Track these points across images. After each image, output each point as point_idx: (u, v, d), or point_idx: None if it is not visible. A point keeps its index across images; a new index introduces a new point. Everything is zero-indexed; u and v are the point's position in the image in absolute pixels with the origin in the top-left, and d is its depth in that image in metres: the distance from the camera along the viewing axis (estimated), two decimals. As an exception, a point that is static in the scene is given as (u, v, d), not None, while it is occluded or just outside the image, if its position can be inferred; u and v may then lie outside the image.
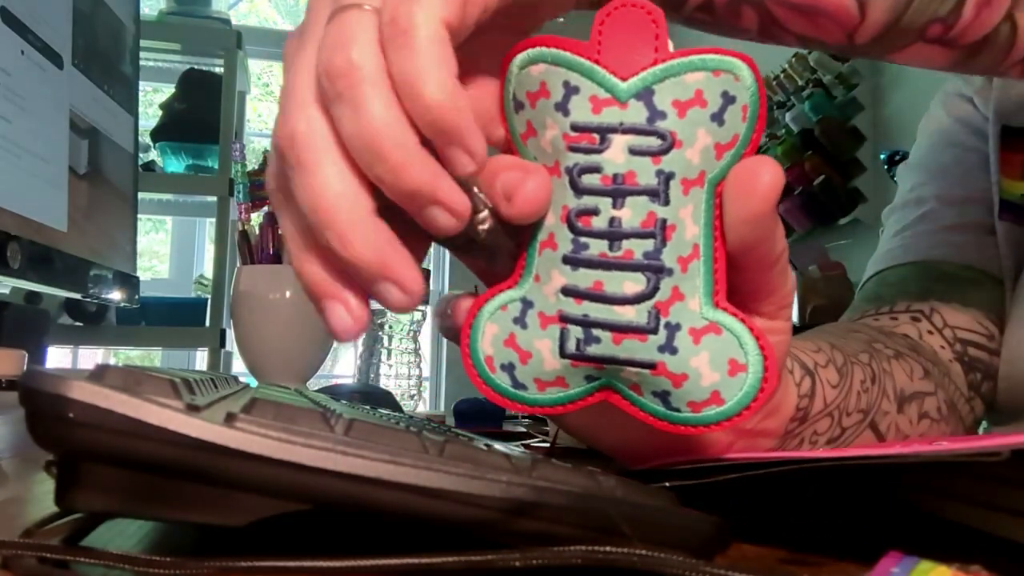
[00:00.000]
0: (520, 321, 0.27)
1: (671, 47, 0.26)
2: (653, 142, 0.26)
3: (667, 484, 0.28)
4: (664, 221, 0.26)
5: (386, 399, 0.79)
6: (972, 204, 0.56)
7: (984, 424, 0.54)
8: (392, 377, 1.04)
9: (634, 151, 0.26)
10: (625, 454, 0.34)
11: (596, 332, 0.26)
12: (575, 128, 0.26)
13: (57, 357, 2.55)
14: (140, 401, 0.20)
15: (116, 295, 0.93)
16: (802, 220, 2.48)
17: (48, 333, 0.89)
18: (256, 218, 0.89)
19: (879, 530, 0.32)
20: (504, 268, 0.28)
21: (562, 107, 0.26)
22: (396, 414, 0.43)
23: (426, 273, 1.02)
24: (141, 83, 1.06)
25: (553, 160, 0.27)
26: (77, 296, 0.84)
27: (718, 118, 0.26)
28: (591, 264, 0.26)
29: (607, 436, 0.33)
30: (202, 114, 2.11)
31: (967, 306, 0.51)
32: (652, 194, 0.26)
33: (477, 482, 0.21)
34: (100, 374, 0.21)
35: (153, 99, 2.68)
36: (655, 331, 0.26)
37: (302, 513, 0.21)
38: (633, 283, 0.26)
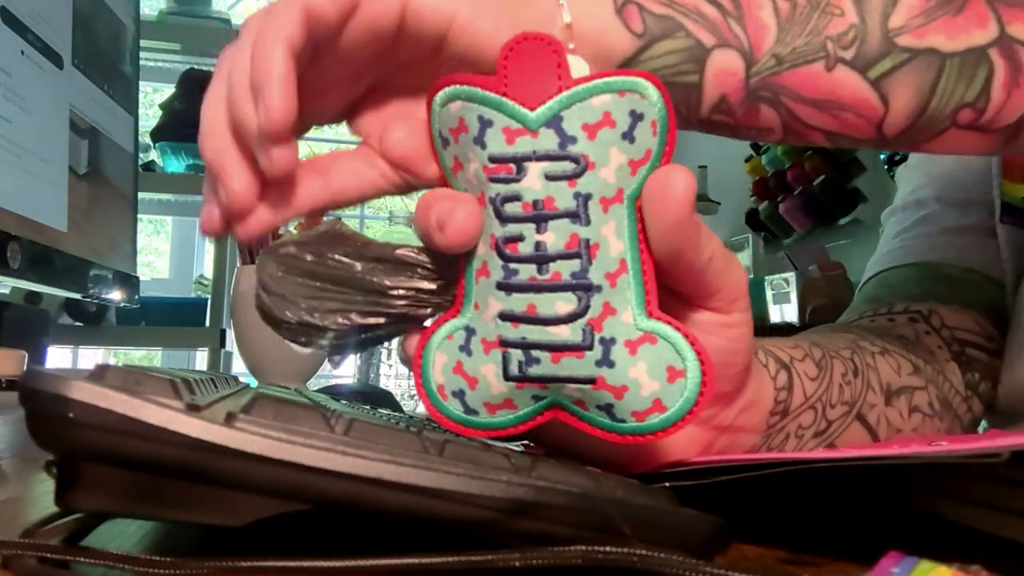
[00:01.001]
0: (465, 348, 0.28)
1: (575, 73, 0.27)
2: (567, 166, 0.27)
3: (667, 484, 0.28)
4: (587, 241, 0.27)
5: (386, 399, 0.79)
6: (974, 206, 0.56)
7: (983, 424, 0.54)
8: (392, 377, 1.04)
9: (550, 176, 0.27)
10: (608, 462, 0.34)
11: (535, 353, 0.27)
12: (492, 160, 0.27)
13: (57, 357, 2.55)
14: (140, 401, 0.20)
15: (116, 295, 0.93)
16: (802, 220, 2.48)
17: (48, 333, 0.89)
18: (256, 218, 0.89)
19: (879, 530, 0.32)
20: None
21: (479, 140, 0.27)
22: (396, 414, 0.43)
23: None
24: (141, 83, 1.06)
25: (479, 191, 0.28)
26: (77, 296, 0.84)
27: (628, 136, 0.27)
28: (522, 288, 0.27)
29: (582, 448, 0.33)
30: (202, 114, 2.11)
31: (967, 308, 0.51)
32: (572, 216, 0.26)
33: (477, 482, 0.21)
34: (100, 374, 0.21)
35: (153, 99, 2.68)
36: (590, 347, 0.27)
37: (302, 513, 0.21)
38: (564, 303, 0.27)
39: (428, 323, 0.30)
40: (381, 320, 0.29)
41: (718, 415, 0.34)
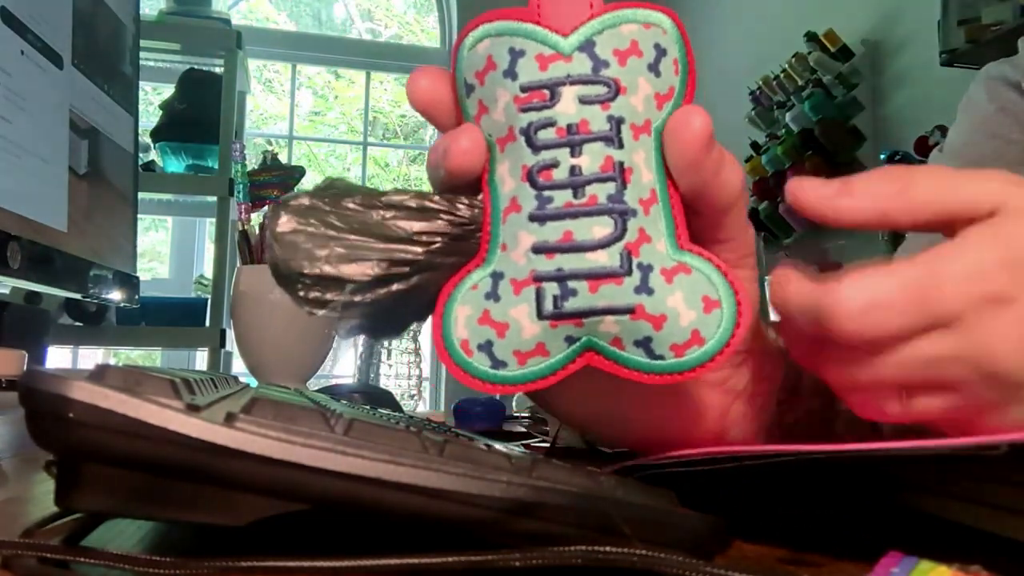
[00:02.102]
0: (492, 295, 0.27)
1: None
2: (600, 90, 0.27)
3: (664, 470, 0.28)
4: (621, 164, 0.27)
5: (386, 399, 0.79)
6: None
7: None
8: (392, 377, 1.04)
9: (584, 100, 0.27)
10: (622, 431, 0.34)
11: (572, 284, 0.26)
12: (524, 88, 0.27)
13: (57, 357, 2.55)
14: (140, 401, 0.20)
15: (116, 295, 0.93)
16: (802, 220, 2.48)
17: (48, 333, 0.89)
18: (256, 218, 0.89)
19: (879, 530, 0.32)
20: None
21: (510, 72, 0.27)
22: (396, 414, 0.43)
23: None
24: (141, 83, 1.06)
25: (507, 128, 0.28)
26: (77, 296, 0.84)
27: (655, 68, 0.28)
28: (558, 216, 0.26)
29: (598, 412, 0.32)
30: (202, 114, 2.11)
31: None
32: (606, 139, 0.27)
33: (477, 482, 0.21)
34: (100, 374, 0.21)
35: (153, 99, 2.68)
36: (629, 272, 0.26)
37: (302, 513, 0.21)
38: (601, 227, 0.26)
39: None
40: (404, 269, 0.27)
41: (731, 378, 0.34)
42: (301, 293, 0.27)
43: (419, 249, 0.27)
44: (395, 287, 0.27)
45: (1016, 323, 0.26)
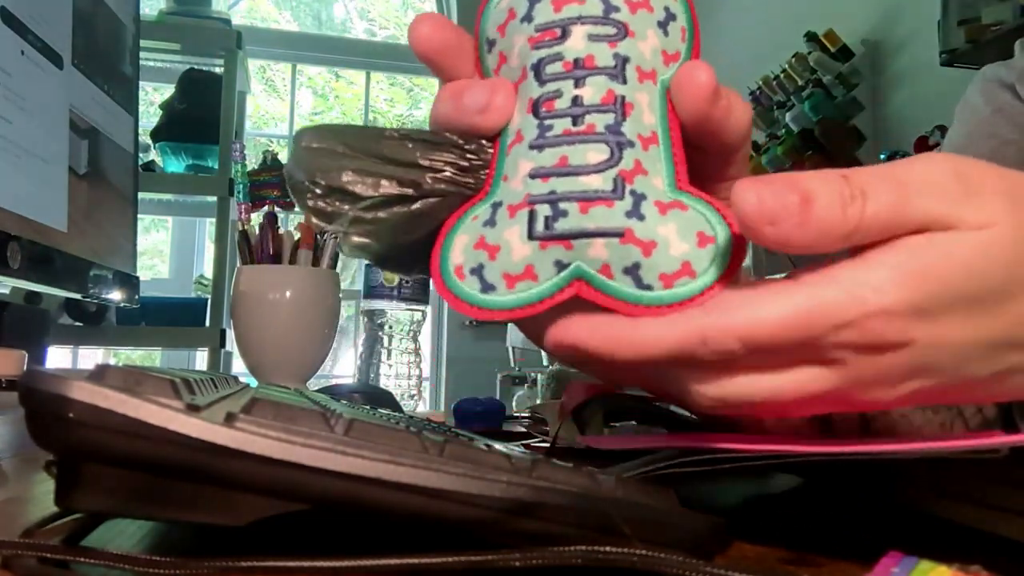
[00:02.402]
0: (490, 222, 0.28)
1: None
2: (609, 30, 0.28)
3: (671, 470, 0.28)
4: (623, 98, 0.28)
5: (386, 399, 0.79)
6: None
7: None
8: (392, 377, 1.04)
9: (592, 37, 0.28)
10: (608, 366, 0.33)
11: (563, 206, 0.26)
12: (538, 29, 0.29)
13: (57, 357, 2.55)
14: (140, 401, 0.20)
15: (116, 295, 0.93)
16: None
17: (48, 333, 0.89)
18: (256, 218, 0.89)
19: (879, 530, 0.32)
20: None
21: (527, 16, 0.29)
22: (396, 414, 0.43)
23: (423, 281, 1.02)
24: (141, 83, 1.06)
25: (520, 69, 0.29)
26: (77, 296, 0.84)
27: (663, 27, 0.29)
28: (556, 143, 0.27)
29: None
30: (202, 114, 2.11)
31: None
32: (610, 74, 0.28)
33: (477, 482, 0.21)
34: (100, 374, 0.21)
35: (153, 99, 2.68)
36: (621, 197, 0.26)
37: (302, 513, 0.21)
38: (597, 153, 0.27)
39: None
40: (409, 191, 0.28)
41: None
42: (311, 203, 0.28)
43: (427, 176, 0.28)
44: (398, 208, 0.28)
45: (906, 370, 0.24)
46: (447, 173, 0.29)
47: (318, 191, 0.28)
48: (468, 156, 0.29)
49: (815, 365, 0.25)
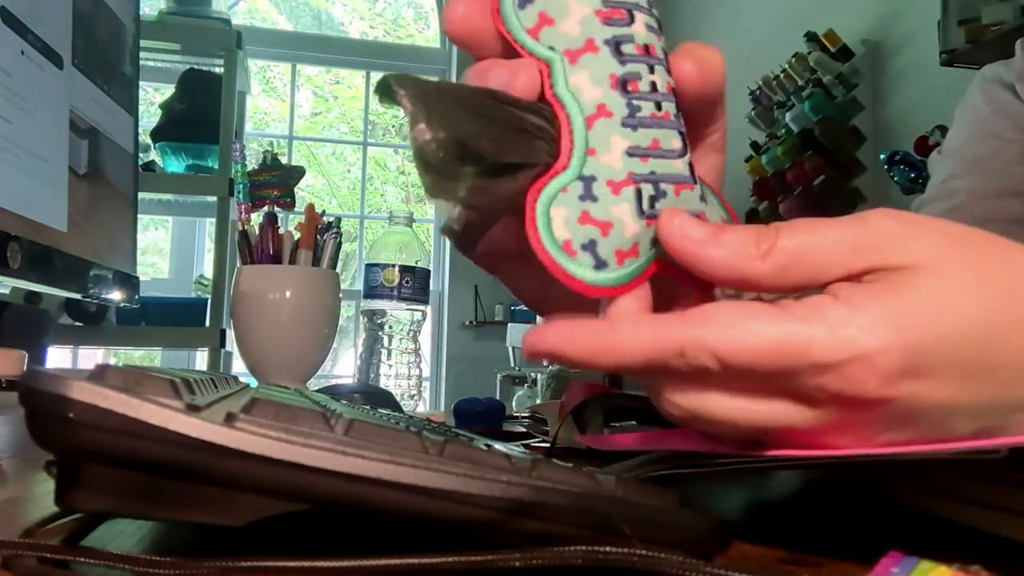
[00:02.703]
0: (588, 196, 0.27)
1: None
2: (654, 23, 0.30)
3: (672, 472, 0.28)
4: (674, 89, 0.30)
5: (386, 399, 0.79)
6: (1006, 198, 0.55)
7: None
8: (392, 377, 1.04)
9: (649, 28, 0.29)
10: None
11: (663, 187, 0.28)
12: (607, 3, 0.29)
13: (57, 357, 2.56)
14: (140, 401, 0.20)
15: (116, 295, 0.93)
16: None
17: (48, 333, 0.89)
18: (256, 218, 0.89)
19: (879, 530, 0.32)
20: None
21: None
22: (396, 414, 0.43)
23: (425, 273, 1.02)
24: (141, 83, 1.06)
25: (584, 40, 0.29)
26: (77, 296, 0.84)
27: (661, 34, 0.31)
28: (648, 124, 0.28)
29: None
30: (202, 114, 2.11)
31: None
32: (664, 66, 0.29)
33: (477, 482, 0.21)
34: (100, 374, 0.21)
35: (153, 99, 2.68)
36: (696, 182, 0.29)
37: (302, 513, 0.21)
38: (677, 139, 0.29)
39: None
40: (531, 161, 0.27)
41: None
42: (435, 165, 0.26)
43: (540, 143, 0.28)
44: (512, 180, 0.27)
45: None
46: (546, 141, 0.28)
47: (446, 158, 0.26)
48: (549, 121, 0.28)
49: (792, 400, 0.24)
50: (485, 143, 0.26)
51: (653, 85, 0.28)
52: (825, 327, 0.23)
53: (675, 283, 0.29)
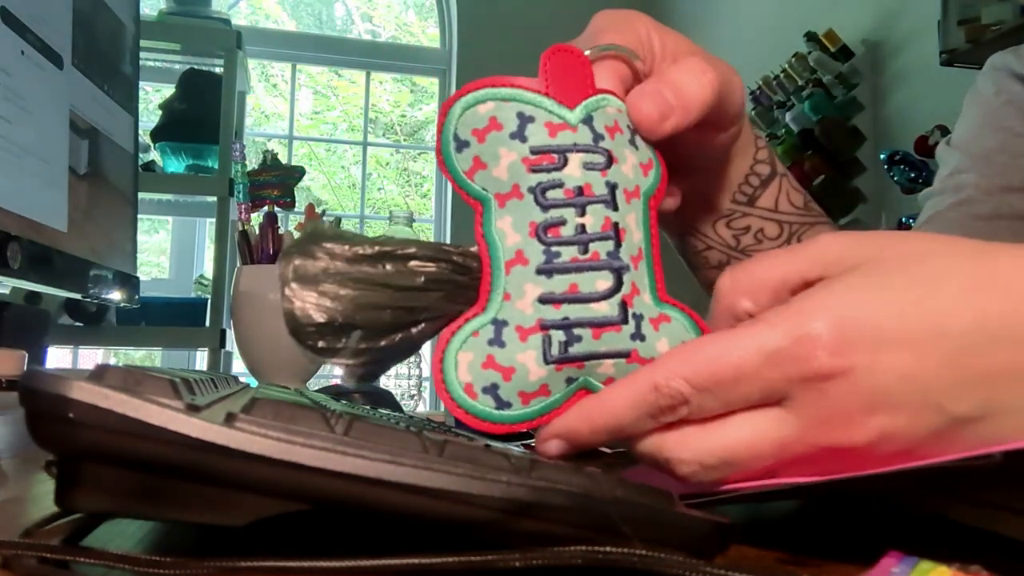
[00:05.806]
0: (496, 341, 0.29)
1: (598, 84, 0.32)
2: (599, 159, 0.30)
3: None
4: (617, 224, 0.30)
5: (386, 399, 0.79)
6: (1013, 193, 0.55)
7: None
8: (392, 377, 1.04)
9: (587, 166, 0.30)
10: None
11: (577, 331, 0.29)
12: (535, 151, 0.30)
13: (57, 357, 2.55)
14: (140, 401, 0.20)
15: (116, 295, 0.93)
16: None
17: (48, 333, 0.89)
18: (256, 218, 0.89)
19: (879, 530, 0.32)
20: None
21: (519, 135, 0.30)
22: (396, 414, 0.43)
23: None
24: (141, 83, 1.06)
25: (511, 185, 0.30)
26: (77, 296, 0.84)
27: (633, 142, 0.32)
28: (565, 270, 0.29)
29: None
30: (202, 114, 2.11)
31: None
32: (605, 202, 0.30)
33: (477, 482, 0.21)
34: (100, 374, 0.21)
35: (153, 99, 2.68)
36: (626, 321, 0.29)
37: (302, 513, 0.21)
38: (603, 280, 0.29)
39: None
40: (416, 317, 0.29)
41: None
42: (309, 342, 0.29)
43: (432, 295, 0.29)
44: (400, 336, 0.29)
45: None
46: (447, 291, 0.29)
47: (320, 331, 0.28)
48: (464, 270, 0.29)
49: (766, 407, 0.26)
50: (361, 320, 0.28)
51: (581, 228, 0.29)
52: (768, 324, 0.25)
53: None
